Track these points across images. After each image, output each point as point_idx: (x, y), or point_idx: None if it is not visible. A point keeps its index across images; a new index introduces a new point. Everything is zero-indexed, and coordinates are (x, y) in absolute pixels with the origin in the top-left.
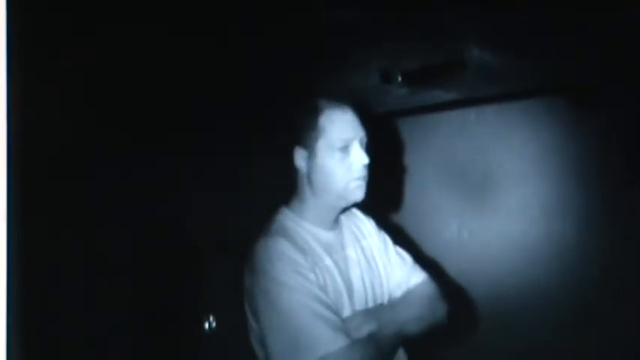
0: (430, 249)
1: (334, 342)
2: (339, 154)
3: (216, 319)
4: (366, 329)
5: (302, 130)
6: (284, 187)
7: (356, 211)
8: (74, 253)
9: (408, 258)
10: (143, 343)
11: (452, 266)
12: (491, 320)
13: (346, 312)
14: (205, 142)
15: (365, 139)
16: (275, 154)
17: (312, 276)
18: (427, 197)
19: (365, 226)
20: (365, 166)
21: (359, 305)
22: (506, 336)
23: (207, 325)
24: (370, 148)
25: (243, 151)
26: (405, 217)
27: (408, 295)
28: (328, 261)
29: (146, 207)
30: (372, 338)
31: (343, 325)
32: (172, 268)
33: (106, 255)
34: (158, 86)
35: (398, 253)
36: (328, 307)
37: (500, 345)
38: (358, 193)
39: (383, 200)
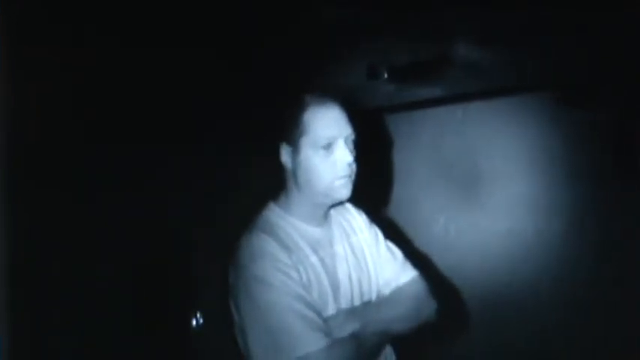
0: (417, 245)
1: (314, 342)
2: (323, 151)
3: (205, 316)
4: (348, 328)
5: (287, 126)
6: (274, 183)
7: (348, 206)
8: (66, 251)
9: (398, 254)
10: (131, 340)
11: (439, 262)
12: (479, 316)
13: (330, 310)
14: (199, 139)
15: (352, 137)
16: (263, 150)
17: (294, 274)
18: (414, 193)
19: (356, 221)
20: (349, 164)
21: (344, 303)
22: (494, 332)
23: (194, 322)
24: (358, 146)
25: (234, 148)
26: (391, 214)
27: (395, 294)
28: (314, 258)
29: (138, 204)
30: (353, 337)
31: (324, 325)
32: (161, 264)
33: (96, 252)
34: (154, 86)
35: (389, 249)
36: (310, 306)
37: (489, 341)
38: (343, 191)
39: (369, 196)
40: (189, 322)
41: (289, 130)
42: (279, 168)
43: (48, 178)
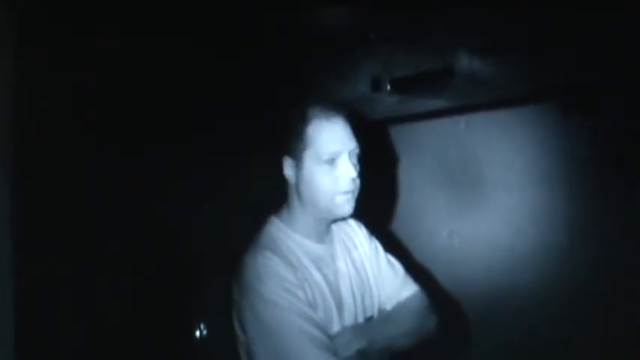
0: (421, 256)
1: None
2: (326, 166)
3: (208, 327)
4: (354, 346)
5: (290, 139)
6: (276, 195)
7: (348, 219)
8: (69, 260)
9: (399, 268)
10: (135, 350)
11: (443, 273)
12: (481, 327)
13: (335, 327)
14: (202, 148)
15: (357, 151)
16: (266, 162)
17: (300, 293)
18: (417, 205)
19: (356, 234)
20: (353, 179)
21: (348, 320)
22: (497, 343)
23: (198, 333)
24: (362, 161)
25: (238, 159)
26: (395, 225)
27: (397, 309)
28: (318, 276)
29: (141, 214)
30: (359, 355)
31: (331, 344)
32: (165, 275)
33: (100, 262)
34: (158, 95)
35: (389, 263)
36: (316, 325)
37: (491, 352)
38: (345, 207)
39: (373, 208)
40: (192, 332)
41: (293, 143)
42: (282, 181)
43: (57, 185)
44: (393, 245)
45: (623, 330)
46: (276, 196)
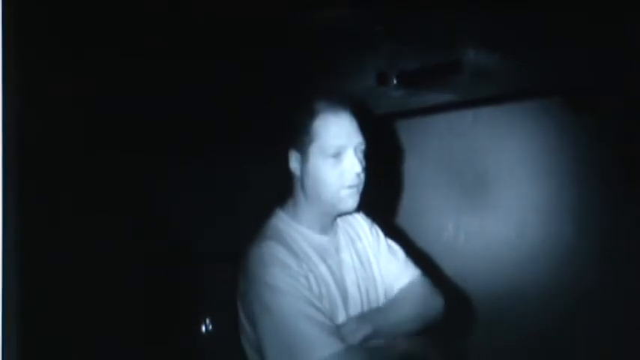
0: (427, 251)
1: (329, 346)
2: (332, 160)
3: (214, 321)
4: (361, 334)
5: (296, 132)
6: (282, 189)
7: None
8: (72, 254)
9: (400, 253)
10: (140, 345)
11: (449, 268)
12: (487, 321)
13: (341, 319)
14: (207, 143)
15: (362, 146)
16: (272, 155)
17: (305, 281)
18: (424, 199)
19: (359, 225)
20: (358, 174)
21: (354, 312)
22: (503, 337)
23: (204, 328)
24: (369, 155)
25: (243, 152)
26: (401, 219)
27: (401, 295)
28: (323, 267)
29: (144, 209)
30: (366, 342)
31: (338, 331)
32: (170, 270)
33: (104, 257)
34: (161, 91)
35: (390, 248)
36: (322, 312)
37: (497, 346)
38: (349, 202)
39: (379, 202)
40: (198, 326)
41: (299, 137)
42: (288, 174)
43: (58, 184)
44: (399, 240)
45: (630, 325)
46: (281, 190)
